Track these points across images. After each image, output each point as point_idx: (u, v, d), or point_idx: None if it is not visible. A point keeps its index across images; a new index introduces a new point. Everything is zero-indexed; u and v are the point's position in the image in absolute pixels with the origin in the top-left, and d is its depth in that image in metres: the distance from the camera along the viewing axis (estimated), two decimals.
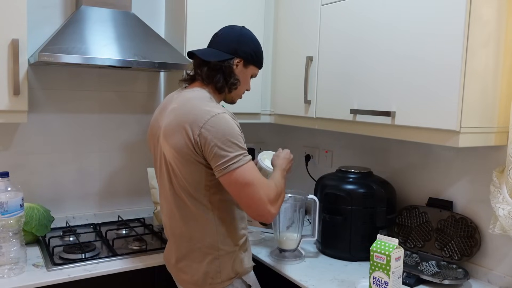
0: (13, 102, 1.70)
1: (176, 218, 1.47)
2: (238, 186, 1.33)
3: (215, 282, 1.45)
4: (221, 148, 1.31)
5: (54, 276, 1.57)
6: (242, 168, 1.32)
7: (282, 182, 1.48)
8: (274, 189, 1.40)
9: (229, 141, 1.32)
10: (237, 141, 1.34)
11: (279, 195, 1.42)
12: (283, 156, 1.60)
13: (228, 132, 1.33)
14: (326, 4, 1.83)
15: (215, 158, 1.32)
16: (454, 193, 1.72)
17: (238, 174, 1.32)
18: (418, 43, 1.45)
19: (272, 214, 1.38)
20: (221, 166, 1.32)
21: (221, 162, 1.32)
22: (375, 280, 1.40)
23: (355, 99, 1.69)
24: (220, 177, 1.34)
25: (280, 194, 1.42)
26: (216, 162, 1.33)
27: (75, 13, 1.89)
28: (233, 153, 1.32)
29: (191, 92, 1.47)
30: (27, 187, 2.01)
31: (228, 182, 1.34)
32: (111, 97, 2.23)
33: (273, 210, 1.37)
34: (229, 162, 1.31)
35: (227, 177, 1.33)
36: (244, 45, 1.50)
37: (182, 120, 1.37)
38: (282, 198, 1.44)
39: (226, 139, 1.32)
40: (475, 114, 1.39)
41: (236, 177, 1.32)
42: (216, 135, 1.32)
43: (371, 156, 2.07)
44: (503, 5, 1.40)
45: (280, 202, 1.43)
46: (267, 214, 1.36)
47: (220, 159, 1.32)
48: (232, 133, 1.33)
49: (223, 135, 1.32)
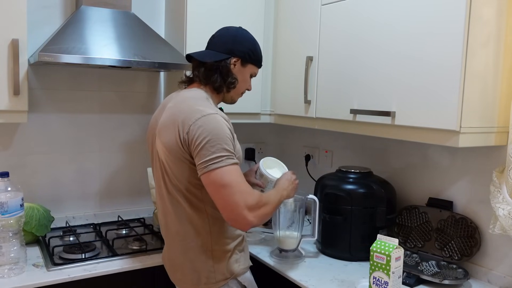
0: (13, 102, 1.70)
1: (171, 217, 1.48)
2: (215, 187, 1.31)
3: (209, 282, 1.45)
4: (205, 148, 1.31)
5: (54, 276, 1.57)
6: (222, 169, 1.30)
7: (274, 198, 1.42)
8: (256, 197, 1.33)
9: (215, 141, 1.31)
10: (224, 142, 1.32)
11: (261, 205, 1.34)
12: (285, 177, 1.58)
13: (216, 132, 1.32)
14: (326, 4, 1.83)
15: (199, 156, 1.32)
16: (454, 193, 1.72)
17: (218, 174, 1.30)
18: (418, 43, 1.45)
19: (249, 221, 1.30)
20: (202, 165, 1.31)
21: (203, 161, 1.31)
22: (375, 280, 1.40)
23: (355, 99, 1.69)
24: (200, 175, 1.33)
25: (263, 205, 1.35)
26: (199, 160, 1.32)
27: (75, 13, 1.89)
28: (216, 153, 1.30)
29: (188, 92, 1.49)
30: (27, 187, 2.01)
31: (207, 181, 1.33)
32: (111, 97, 2.23)
33: (250, 217, 1.30)
34: (210, 161, 1.30)
35: (206, 176, 1.32)
36: (240, 44, 1.51)
37: (175, 118, 1.38)
38: (266, 210, 1.36)
39: (212, 139, 1.31)
40: (475, 114, 1.39)
41: (215, 177, 1.30)
42: (203, 134, 1.31)
43: (371, 156, 2.07)
44: (503, 5, 1.40)
45: (262, 213, 1.34)
46: (242, 219, 1.30)
47: (202, 158, 1.31)
48: (219, 134, 1.32)
49: (210, 135, 1.31)
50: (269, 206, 1.38)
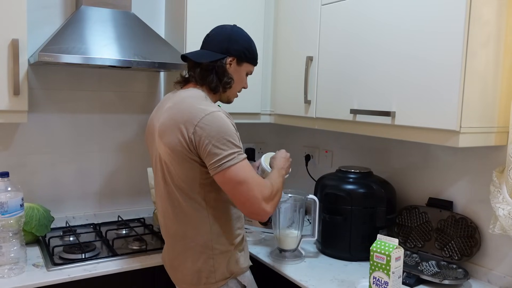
0: (13, 102, 1.70)
1: (171, 217, 1.48)
2: (232, 184, 1.33)
3: (209, 281, 1.45)
4: (215, 146, 1.31)
5: (54, 276, 1.58)
6: (236, 166, 1.32)
7: (279, 181, 1.47)
8: (269, 187, 1.39)
9: (224, 138, 1.32)
10: (232, 139, 1.33)
11: (275, 194, 1.41)
12: (280, 155, 1.60)
13: (223, 130, 1.33)
14: (326, 4, 1.83)
15: (209, 156, 1.32)
16: (454, 193, 1.72)
17: (232, 172, 1.32)
18: (418, 43, 1.45)
19: (267, 212, 1.36)
20: (215, 164, 1.32)
21: (215, 160, 1.32)
22: (375, 280, 1.40)
23: (355, 99, 1.69)
24: (214, 175, 1.34)
25: (276, 193, 1.42)
26: (210, 160, 1.32)
27: (75, 13, 1.89)
28: (227, 151, 1.32)
29: (186, 92, 1.48)
30: (27, 187, 2.01)
31: (222, 180, 1.34)
32: (111, 97, 2.23)
33: (268, 209, 1.36)
34: (223, 160, 1.31)
35: (221, 175, 1.33)
36: (235, 43, 1.50)
37: (177, 119, 1.38)
38: (278, 197, 1.44)
39: (221, 137, 1.32)
40: (475, 114, 1.39)
41: (230, 175, 1.32)
42: (211, 133, 1.32)
43: (371, 156, 2.07)
44: (503, 5, 1.40)
45: (276, 200, 1.42)
46: (262, 212, 1.36)
47: (214, 157, 1.32)
48: (226, 131, 1.33)
49: (218, 133, 1.32)
50: (279, 192, 1.45)
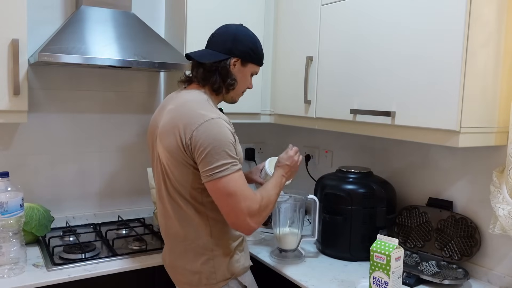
0: (13, 102, 1.70)
1: (171, 218, 1.47)
2: (220, 195, 1.33)
3: (210, 282, 1.44)
4: (209, 154, 1.31)
5: (54, 276, 1.58)
6: (227, 178, 1.31)
7: (273, 193, 1.45)
8: (258, 202, 1.36)
9: (219, 147, 1.31)
10: (228, 149, 1.32)
11: (263, 209, 1.38)
12: (285, 159, 1.56)
13: (220, 138, 1.32)
14: (326, 4, 1.83)
15: (203, 163, 1.32)
16: (454, 193, 1.72)
17: (223, 183, 1.31)
18: (418, 43, 1.45)
19: (251, 227, 1.35)
20: (207, 172, 1.32)
21: (207, 168, 1.31)
22: (375, 280, 1.40)
23: (355, 99, 1.69)
24: (205, 182, 1.34)
25: (265, 208, 1.39)
26: (203, 167, 1.32)
27: (75, 13, 1.89)
28: (220, 161, 1.31)
29: (189, 94, 1.47)
30: (27, 187, 2.01)
31: (212, 189, 1.34)
32: (111, 97, 2.23)
33: (252, 224, 1.35)
34: (215, 169, 1.31)
35: (212, 184, 1.33)
36: (240, 43, 1.47)
37: (177, 122, 1.37)
38: (267, 212, 1.41)
39: (216, 146, 1.31)
40: (475, 114, 1.39)
41: (220, 185, 1.32)
42: (207, 140, 1.31)
43: (371, 156, 2.07)
44: (503, 5, 1.40)
45: (264, 216, 1.39)
46: (245, 226, 1.35)
47: (207, 165, 1.31)
48: (223, 140, 1.32)
49: (214, 141, 1.31)
50: (270, 206, 1.43)
